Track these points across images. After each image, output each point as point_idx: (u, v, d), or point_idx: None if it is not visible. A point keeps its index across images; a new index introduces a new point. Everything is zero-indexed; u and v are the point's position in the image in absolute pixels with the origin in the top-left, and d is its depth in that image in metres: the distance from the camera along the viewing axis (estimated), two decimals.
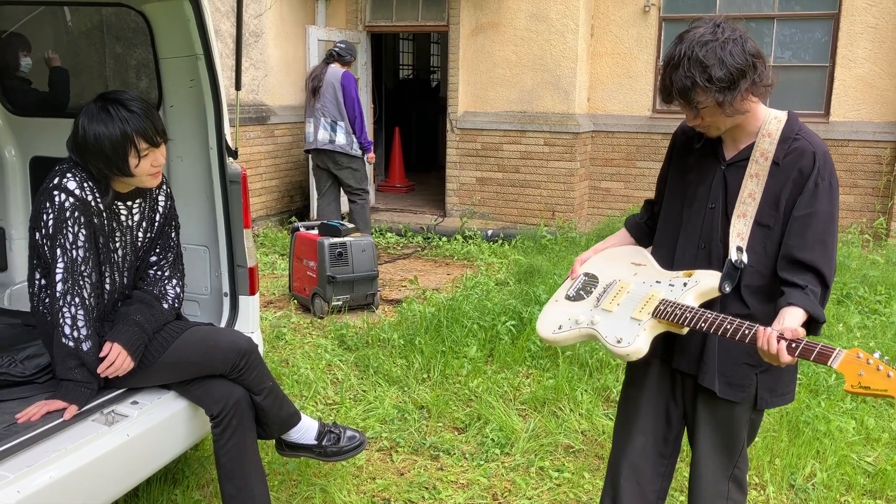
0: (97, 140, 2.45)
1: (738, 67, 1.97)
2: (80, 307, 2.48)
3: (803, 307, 1.99)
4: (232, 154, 3.16)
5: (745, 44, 2.00)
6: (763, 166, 2.11)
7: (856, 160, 8.15)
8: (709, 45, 1.98)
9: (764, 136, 2.12)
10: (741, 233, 2.12)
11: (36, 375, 2.69)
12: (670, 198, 2.37)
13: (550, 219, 8.88)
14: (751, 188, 2.12)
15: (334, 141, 6.96)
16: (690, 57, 1.99)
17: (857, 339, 4.83)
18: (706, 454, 2.31)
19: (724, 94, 1.99)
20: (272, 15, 8.82)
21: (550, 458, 3.60)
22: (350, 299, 5.71)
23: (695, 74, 1.98)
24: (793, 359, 1.89)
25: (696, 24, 2.07)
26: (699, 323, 2.04)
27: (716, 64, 1.97)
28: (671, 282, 2.20)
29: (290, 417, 2.91)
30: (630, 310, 2.19)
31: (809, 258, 2.05)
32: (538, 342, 4.73)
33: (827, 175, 2.07)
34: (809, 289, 2.03)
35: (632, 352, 2.12)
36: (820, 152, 2.08)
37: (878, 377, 1.79)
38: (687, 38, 2.03)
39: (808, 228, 2.06)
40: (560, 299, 2.44)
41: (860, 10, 7.95)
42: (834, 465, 3.47)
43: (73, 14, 3.89)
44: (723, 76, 1.97)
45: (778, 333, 1.91)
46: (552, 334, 2.34)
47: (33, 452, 2.25)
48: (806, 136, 2.11)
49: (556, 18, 8.63)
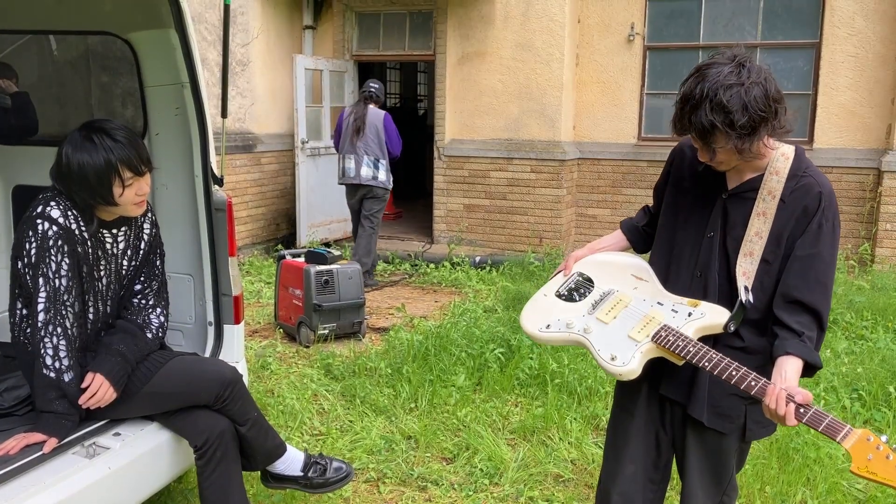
0: (81, 169, 2.42)
1: (761, 115, 1.91)
2: (63, 337, 2.44)
3: (801, 356, 1.98)
4: (217, 182, 3.14)
5: (768, 88, 1.92)
6: (771, 205, 2.07)
7: (839, 186, 8.21)
8: (733, 88, 1.90)
9: (772, 173, 2.09)
10: (747, 272, 2.09)
11: (16, 407, 2.64)
12: (665, 217, 2.33)
13: (538, 245, 8.89)
14: (758, 227, 2.09)
15: (377, 177, 7.44)
16: (713, 100, 1.91)
17: (844, 364, 4.83)
18: (695, 482, 2.28)
19: (743, 141, 1.94)
20: (259, 44, 8.86)
21: (540, 488, 3.56)
22: (336, 328, 5.66)
23: (716, 119, 1.91)
24: (799, 423, 1.86)
25: (717, 60, 1.97)
26: (702, 361, 2.00)
27: (739, 110, 1.89)
28: (675, 307, 2.15)
29: (276, 448, 2.86)
30: (628, 327, 2.14)
31: (810, 300, 2.04)
32: (527, 370, 4.70)
33: (831, 216, 2.05)
34: (806, 335, 2.00)
35: (625, 372, 2.08)
36: (826, 192, 2.06)
37: (886, 466, 1.74)
38: (710, 77, 1.93)
39: (811, 270, 2.04)
40: (550, 294, 2.37)
41: (841, 39, 8.07)
42: (824, 492, 3.45)
43: (59, 43, 3.88)
44: (745, 123, 1.90)
45: (788, 394, 1.87)
46: (538, 332, 2.27)
47: (11, 487, 2.20)
48: (813, 174, 2.08)
49: (541, 48, 8.71)
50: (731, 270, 2.14)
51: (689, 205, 2.25)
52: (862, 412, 4.23)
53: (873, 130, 8.08)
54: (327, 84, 9.25)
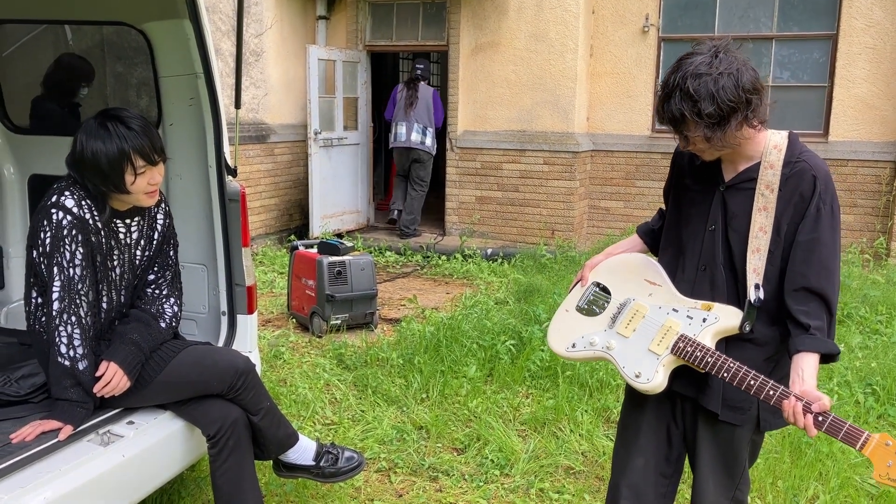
0: (94, 156, 2.44)
1: (730, 104, 1.94)
2: (77, 326, 2.46)
3: (815, 350, 1.99)
4: (231, 172, 3.15)
5: (740, 78, 1.95)
6: (770, 199, 2.07)
7: (855, 180, 8.15)
8: (702, 78, 1.94)
9: (766, 168, 2.09)
10: (757, 268, 2.09)
11: (31, 395, 2.67)
12: (671, 215, 2.36)
13: (550, 238, 8.87)
14: (761, 222, 2.09)
15: (424, 143, 8.98)
16: (682, 88, 1.96)
17: (858, 359, 4.80)
18: (707, 476, 2.28)
19: (712, 130, 1.97)
20: (273, 34, 8.86)
21: (550, 480, 3.57)
22: (349, 318, 5.68)
23: (684, 108, 1.96)
24: (819, 432, 1.89)
25: (696, 50, 2.02)
26: (721, 372, 2.03)
27: (706, 99, 1.93)
28: (689, 313, 2.16)
29: (288, 438, 2.88)
30: (647, 340, 2.17)
31: (816, 285, 2.04)
32: (538, 362, 4.70)
33: (829, 199, 2.05)
34: (814, 327, 2.01)
35: (651, 388, 2.14)
36: (821, 175, 2.05)
37: None
38: (682, 67, 1.98)
39: (813, 255, 2.04)
40: (571, 309, 2.39)
41: (858, 31, 7.99)
42: (837, 486, 3.44)
43: (75, 33, 3.90)
44: (712, 112, 1.94)
45: (805, 403, 1.90)
46: (565, 351, 2.33)
47: (27, 473, 2.22)
48: (807, 158, 2.08)
49: (555, 38, 8.67)
50: (735, 262, 2.15)
51: (690, 200, 2.26)
52: (876, 407, 4.21)
53: (890, 123, 8.01)
54: (340, 75, 9.24)
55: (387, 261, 8.42)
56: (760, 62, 8.45)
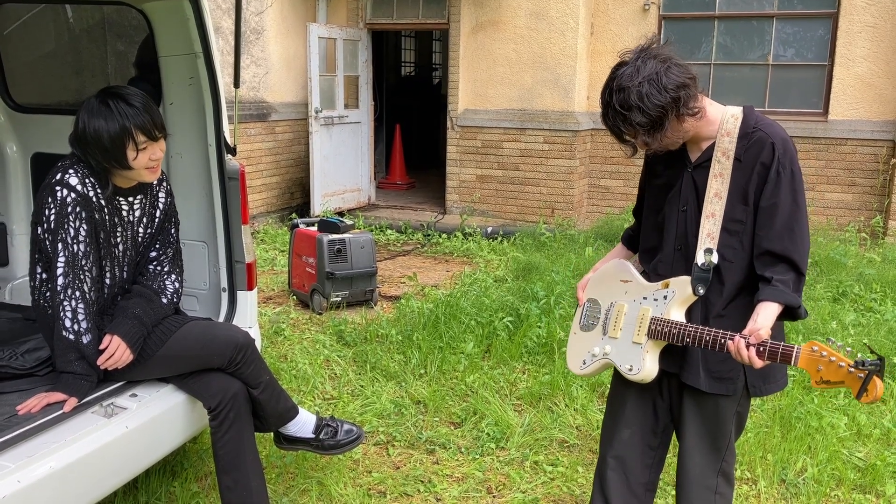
0: (97, 133, 2.49)
1: (659, 108, 2.01)
2: (81, 301, 2.52)
3: (774, 300, 2.05)
4: (231, 151, 3.19)
5: (662, 80, 2.01)
6: (725, 165, 2.14)
7: (854, 158, 8.17)
8: (626, 91, 2.01)
9: (723, 135, 2.15)
10: (711, 232, 2.16)
11: (36, 368, 2.73)
12: (648, 203, 2.43)
13: (550, 216, 8.91)
14: (716, 188, 2.16)
15: None
16: (611, 105, 2.06)
17: (850, 336, 4.86)
18: (693, 448, 2.34)
19: (650, 135, 2.06)
20: (273, 12, 8.86)
21: (545, 453, 3.64)
22: (349, 295, 5.75)
23: (618, 122, 2.06)
24: (764, 362, 1.99)
25: (624, 59, 2.09)
26: (685, 339, 2.13)
27: (633, 110, 2.01)
28: (654, 296, 2.25)
29: (288, 411, 2.95)
30: (631, 333, 2.27)
31: (779, 248, 2.10)
32: (535, 338, 4.77)
33: (788, 163, 2.10)
34: (776, 279, 2.07)
35: (643, 377, 2.23)
36: (779, 141, 2.10)
37: (834, 370, 1.87)
38: (609, 84, 2.08)
39: (775, 218, 2.10)
40: (577, 331, 2.51)
41: (859, 9, 7.97)
42: (825, 460, 3.51)
43: (75, 12, 3.92)
44: (644, 121, 2.02)
45: (746, 340, 2.00)
46: (580, 370, 2.43)
47: (34, 443, 2.29)
48: (763, 126, 2.13)
49: (556, 17, 8.66)
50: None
51: (663, 185, 2.33)
52: None
53: (890, 102, 8.01)
54: (341, 53, 9.25)
55: (388, 239, 8.47)
56: (761, 41, 8.44)
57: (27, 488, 2.15)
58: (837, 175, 8.26)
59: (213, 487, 3.20)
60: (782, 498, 3.31)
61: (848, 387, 1.87)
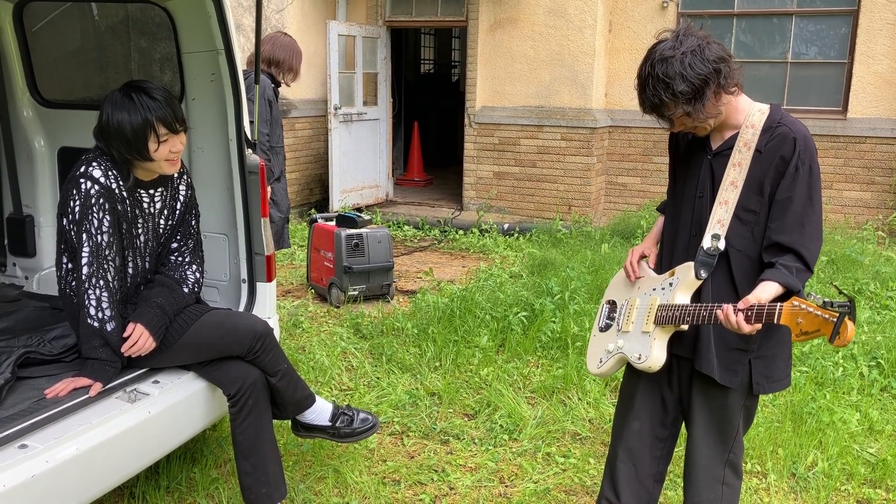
0: (120, 125, 2.57)
1: (701, 77, 2.07)
2: (105, 290, 2.60)
3: (773, 280, 2.10)
4: (251, 146, 3.27)
5: (704, 52, 2.08)
6: (745, 155, 2.19)
7: (873, 157, 8.13)
8: (668, 61, 2.08)
9: (748, 127, 2.21)
10: (721, 219, 2.22)
11: (63, 354, 2.83)
12: (671, 186, 2.49)
13: (566, 213, 8.94)
14: (733, 176, 2.21)
15: None
16: (653, 75, 2.10)
17: (864, 333, 4.87)
18: (701, 439, 2.39)
19: (691, 105, 2.11)
20: (293, 10, 8.95)
21: (557, 445, 3.69)
22: (366, 289, 5.82)
23: (660, 92, 2.10)
24: (751, 326, 2.04)
25: (661, 37, 2.16)
26: (686, 318, 2.20)
27: (677, 78, 2.07)
28: (662, 285, 2.32)
29: (305, 399, 3.02)
30: (641, 324, 2.34)
31: (787, 240, 2.14)
32: (549, 333, 4.82)
33: (807, 159, 2.14)
34: (781, 263, 2.12)
35: (650, 364, 2.28)
36: (800, 137, 2.15)
37: (811, 319, 1.93)
38: (650, 57, 2.13)
39: (788, 212, 2.15)
40: (596, 333, 2.58)
41: (879, 6, 7.94)
42: (836, 455, 3.54)
43: (100, 10, 4.02)
44: (686, 89, 2.07)
45: (734, 308, 2.06)
46: (597, 369, 2.50)
47: (61, 426, 2.38)
48: (787, 123, 2.19)
49: (574, 14, 8.68)
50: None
51: (684, 171, 2.38)
52: (880, 380, 4.29)
53: None
54: (360, 50, 9.33)
55: (405, 235, 8.54)
56: (781, 38, 8.42)
57: (55, 468, 2.23)
58: (856, 173, 8.23)
59: (232, 474, 3.28)
60: (792, 491, 3.35)
61: (823, 333, 1.92)
